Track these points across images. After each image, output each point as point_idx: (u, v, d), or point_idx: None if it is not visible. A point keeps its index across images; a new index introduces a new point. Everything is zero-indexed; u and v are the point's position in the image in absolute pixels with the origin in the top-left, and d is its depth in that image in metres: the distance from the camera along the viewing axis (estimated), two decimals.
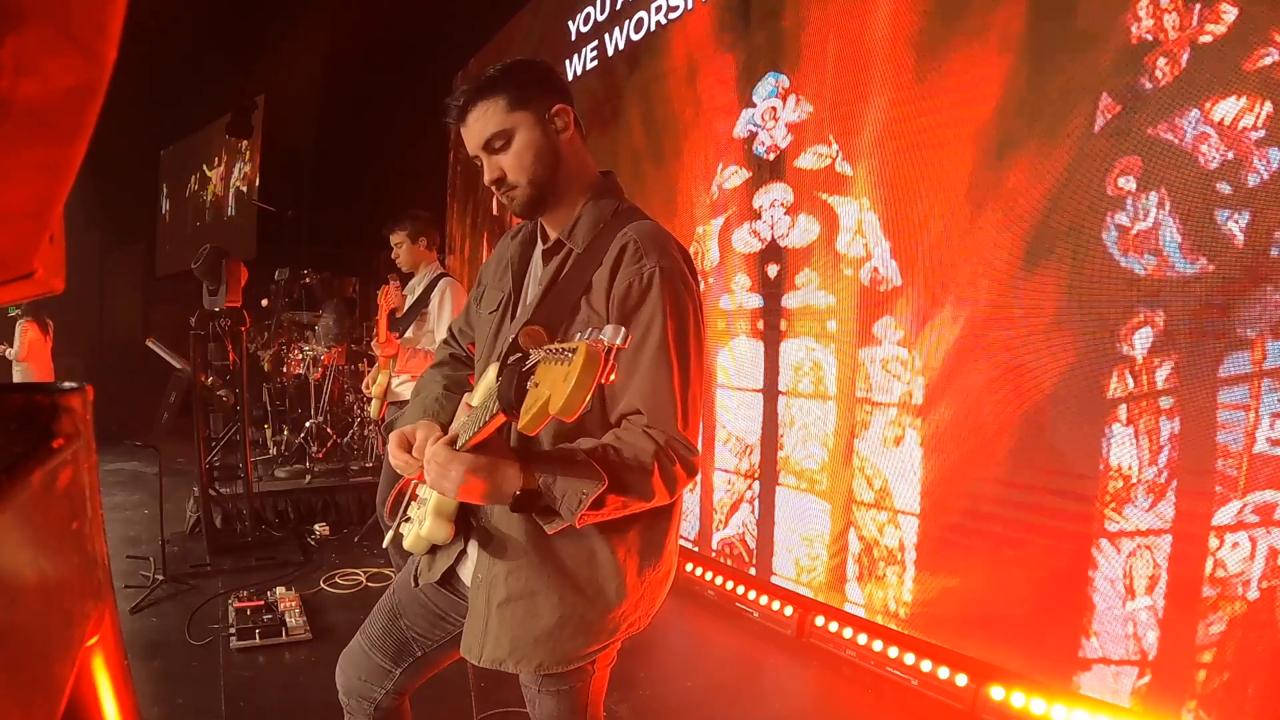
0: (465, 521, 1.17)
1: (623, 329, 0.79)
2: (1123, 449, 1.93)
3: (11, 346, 5.50)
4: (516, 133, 1.10)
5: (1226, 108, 1.73)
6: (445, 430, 1.10)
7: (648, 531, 1.13)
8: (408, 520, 1.19)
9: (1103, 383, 1.97)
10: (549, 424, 1.07)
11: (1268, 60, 1.66)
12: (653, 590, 1.17)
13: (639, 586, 1.13)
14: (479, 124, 1.11)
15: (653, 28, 3.64)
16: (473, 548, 1.17)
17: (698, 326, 1.11)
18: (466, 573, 1.19)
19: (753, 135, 3.07)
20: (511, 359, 0.86)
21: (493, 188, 1.13)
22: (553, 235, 1.18)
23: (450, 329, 1.43)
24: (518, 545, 1.10)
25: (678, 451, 1.04)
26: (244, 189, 7.85)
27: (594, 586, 1.10)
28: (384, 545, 1.30)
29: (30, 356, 5.42)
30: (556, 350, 0.79)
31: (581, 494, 0.96)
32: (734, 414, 3.22)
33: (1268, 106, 1.67)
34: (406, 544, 1.15)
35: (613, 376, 0.78)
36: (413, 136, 6.67)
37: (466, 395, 1.19)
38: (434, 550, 1.21)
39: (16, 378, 5.43)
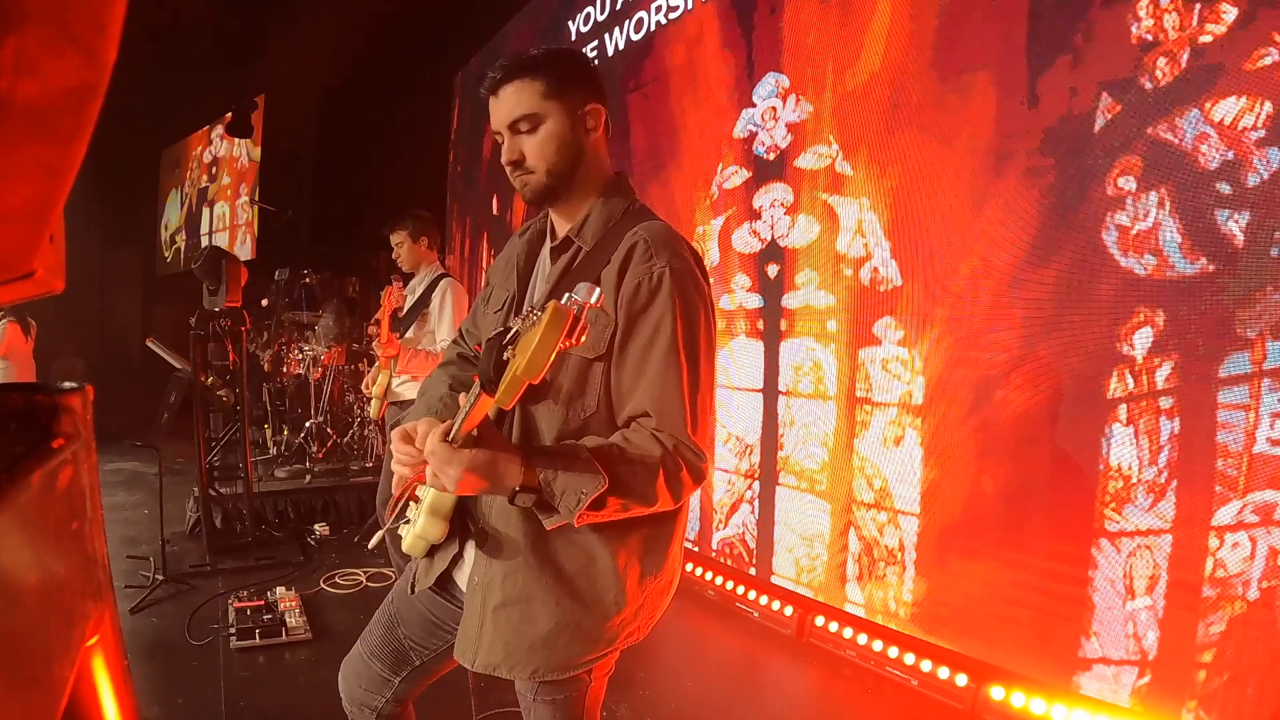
0: (462, 523, 1.15)
1: (596, 289, 0.78)
2: (1123, 449, 1.93)
3: None
4: (546, 121, 1.09)
5: (1226, 108, 1.73)
6: None
7: (650, 539, 1.11)
8: (406, 521, 1.19)
9: (1103, 383, 1.97)
10: (554, 420, 1.08)
11: (1268, 60, 1.66)
12: (653, 600, 1.14)
13: (639, 596, 1.10)
14: (511, 101, 1.08)
15: (652, 28, 3.64)
16: (469, 550, 1.15)
17: (709, 329, 1.08)
18: (463, 577, 1.18)
19: (753, 135, 3.07)
20: (494, 334, 0.85)
21: (507, 168, 1.12)
22: (561, 233, 1.17)
23: (460, 329, 1.42)
24: (515, 547, 1.08)
25: (685, 457, 1.02)
26: (244, 189, 7.86)
27: (592, 594, 1.07)
28: (370, 546, 1.28)
29: (9, 354, 5.48)
30: (530, 316, 0.79)
31: (581, 493, 0.94)
32: (734, 414, 3.22)
33: (1268, 106, 1.67)
34: (405, 545, 1.14)
35: (583, 338, 0.78)
36: (413, 136, 6.67)
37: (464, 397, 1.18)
38: (432, 553, 1.19)
39: None
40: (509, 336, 0.82)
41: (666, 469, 1.00)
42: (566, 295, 0.78)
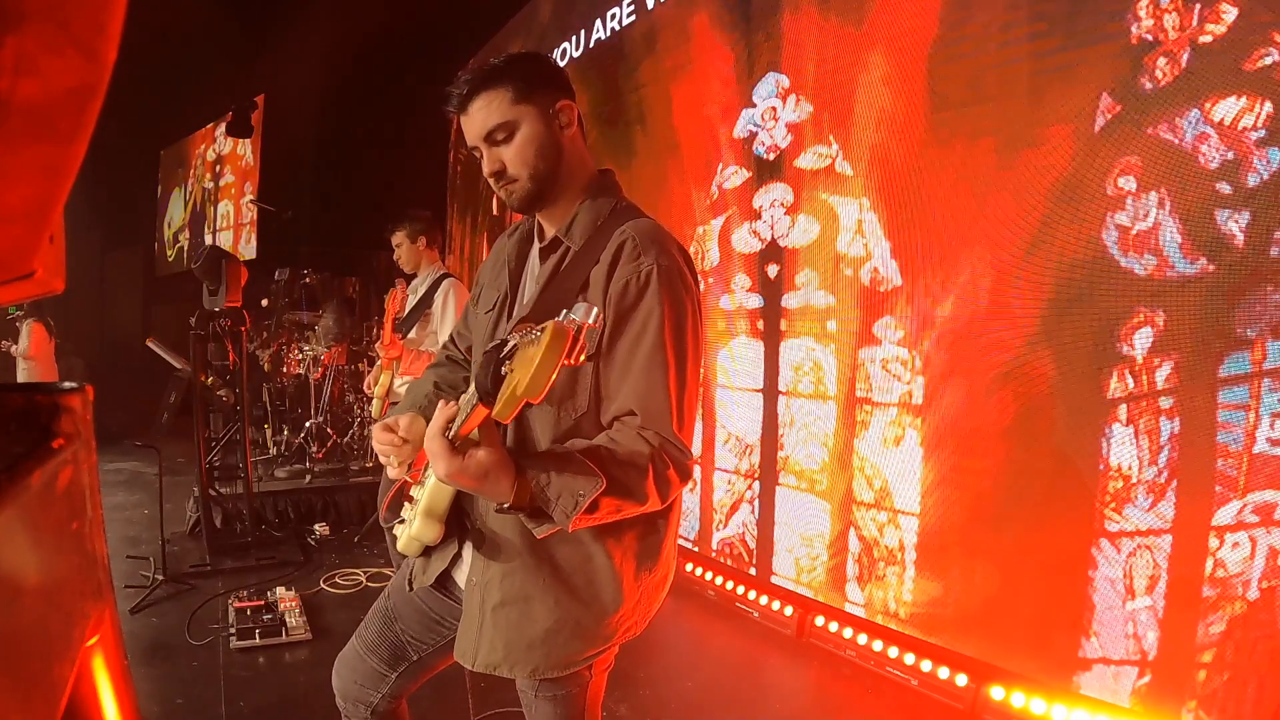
0: (460, 523, 1.15)
1: (595, 308, 0.78)
2: (1123, 449, 1.93)
3: (16, 344, 5.56)
4: (521, 125, 1.08)
5: (1226, 108, 1.73)
6: None
7: (644, 535, 1.11)
8: (402, 522, 1.19)
9: (1103, 383, 1.97)
10: (547, 420, 1.08)
11: (1268, 60, 1.66)
12: (650, 595, 1.15)
13: (636, 591, 1.11)
14: (482, 114, 1.08)
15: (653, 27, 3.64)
16: (467, 550, 1.15)
17: (696, 327, 1.08)
18: (462, 576, 1.18)
19: (753, 135, 3.07)
20: (490, 346, 0.86)
21: (491, 180, 1.11)
22: (550, 233, 1.17)
23: (451, 333, 1.42)
24: (513, 548, 1.08)
25: (671, 455, 1.02)
26: (249, 188, 7.85)
27: (590, 591, 1.08)
28: (397, 549, 1.29)
29: (37, 354, 5.50)
30: (529, 332, 0.79)
31: (578, 495, 0.93)
32: (734, 414, 3.22)
33: (1268, 106, 1.66)
34: (400, 545, 1.14)
35: (583, 357, 0.78)
36: (413, 136, 6.67)
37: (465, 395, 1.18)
38: (429, 553, 1.19)
39: (21, 375, 5.47)
40: (507, 349, 0.82)
41: (655, 468, 1.00)
42: (565, 313, 0.78)
